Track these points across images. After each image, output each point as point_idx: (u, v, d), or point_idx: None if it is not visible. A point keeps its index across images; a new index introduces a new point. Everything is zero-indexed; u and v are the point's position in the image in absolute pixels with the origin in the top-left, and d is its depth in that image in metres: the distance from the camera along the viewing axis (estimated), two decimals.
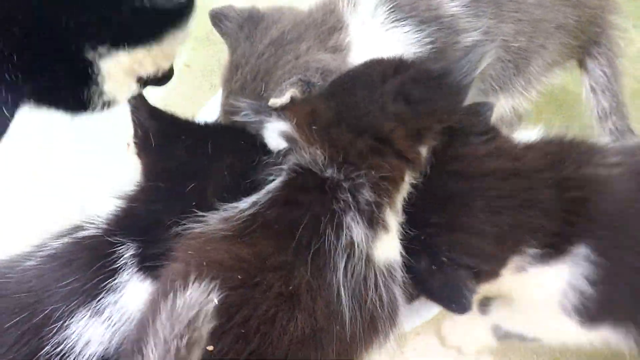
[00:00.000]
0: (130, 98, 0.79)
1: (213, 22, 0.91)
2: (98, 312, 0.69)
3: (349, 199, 0.64)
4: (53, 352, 0.67)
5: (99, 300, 0.69)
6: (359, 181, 0.64)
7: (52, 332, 0.68)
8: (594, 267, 0.68)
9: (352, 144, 0.66)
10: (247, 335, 0.56)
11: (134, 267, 0.71)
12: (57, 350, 0.67)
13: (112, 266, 0.70)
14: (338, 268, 0.61)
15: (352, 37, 0.86)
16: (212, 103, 1.06)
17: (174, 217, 0.71)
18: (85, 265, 0.71)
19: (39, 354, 0.66)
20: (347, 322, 0.60)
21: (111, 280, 0.70)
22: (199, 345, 0.51)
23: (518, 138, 0.76)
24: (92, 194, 0.98)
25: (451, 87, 0.71)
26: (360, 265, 0.62)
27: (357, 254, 0.62)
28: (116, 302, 0.70)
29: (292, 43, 0.84)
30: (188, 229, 0.67)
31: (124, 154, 0.84)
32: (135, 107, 0.81)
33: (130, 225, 0.74)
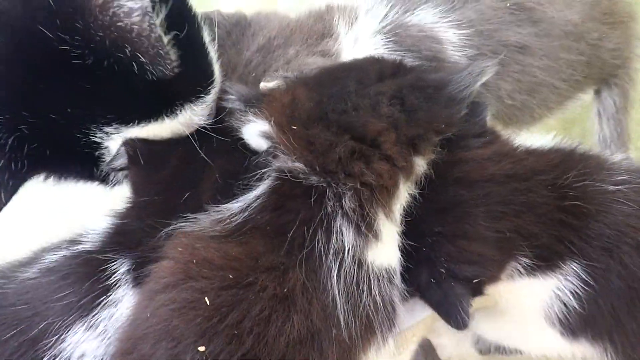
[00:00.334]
0: None
1: None
2: (93, 327, 0.70)
3: (335, 205, 0.62)
4: None
5: (94, 316, 0.70)
6: (340, 190, 0.62)
7: (49, 345, 0.68)
8: (581, 284, 0.69)
9: (330, 148, 0.63)
10: (240, 336, 0.55)
11: (129, 283, 0.71)
12: None
13: (107, 282, 0.71)
14: (331, 272, 0.61)
15: (342, 46, 0.86)
16: None
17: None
18: (81, 280, 0.71)
19: None
20: (343, 325, 0.60)
21: (106, 296, 0.71)
22: None
23: (520, 142, 0.76)
24: (88, 207, 0.98)
25: (449, 98, 0.69)
26: (353, 269, 0.61)
27: (348, 258, 0.61)
28: (111, 317, 0.70)
29: (280, 49, 0.85)
30: (178, 228, 0.67)
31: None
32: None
33: (124, 241, 0.74)
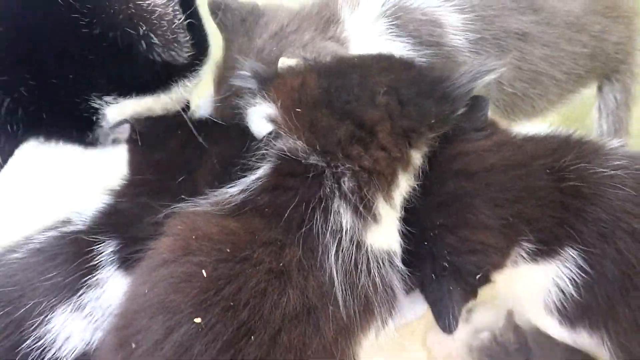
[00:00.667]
0: None
1: (211, 10, 0.90)
2: (79, 308, 0.70)
3: (333, 186, 0.63)
4: (34, 346, 0.67)
5: (79, 296, 0.70)
6: (339, 170, 0.63)
7: (34, 326, 0.68)
8: (579, 271, 0.69)
9: (332, 130, 0.64)
10: (236, 308, 0.55)
11: (114, 264, 0.72)
12: (38, 344, 0.68)
13: (92, 263, 0.71)
14: (329, 251, 0.61)
15: (349, 33, 0.87)
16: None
17: (159, 211, 0.71)
18: (68, 260, 0.71)
19: (20, 347, 0.67)
20: (340, 303, 0.60)
21: (91, 276, 0.71)
22: None
23: (518, 130, 0.77)
24: (83, 188, 0.98)
25: (442, 95, 0.69)
26: (351, 250, 0.62)
27: (346, 239, 0.62)
28: (97, 298, 0.70)
29: (292, 35, 0.85)
30: (175, 210, 0.67)
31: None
32: None
33: (113, 222, 0.75)
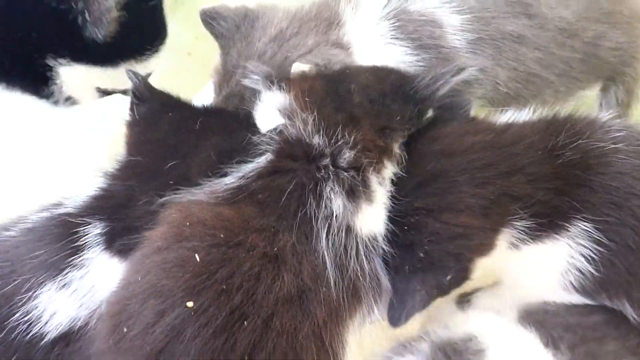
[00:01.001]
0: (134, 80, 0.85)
1: (204, 22, 0.91)
2: (65, 286, 0.71)
3: (329, 166, 0.66)
4: (22, 320, 0.69)
5: (65, 275, 0.71)
6: (339, 144, 0.67)
7: (22, 301, 0.70)
8: (595, 246, 0.68)
9: (332, 115, 0.70)
10: (229, 292, 0.56)
11: (101, 246, 0.73)
12: (26, 318, 0.69)
13: (78, 243, 0.73)
14: (320, 236, 0.63)
15: (351, 37, 0.87)
16: (206, 89, 1.07)
17: (148, 194, 0.73)
18: (55, 240, 0.73)
19: (9, 320, 0.69)
20: (332, 286, 0.62)
21: (77, 257, 0.72)
22: None
23: (501, 118, 0.78)
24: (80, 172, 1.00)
25: (407, 96, 0.74)
26: (340, 235, 0.64)
27: (336, 224, 0.64)
28: (82, 277, 0.72)
29: (294, 38, 0.86)
30: (171, 200, 0.69)
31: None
32: (137, 90, 0.84)
33: (102, 205, 0.76)
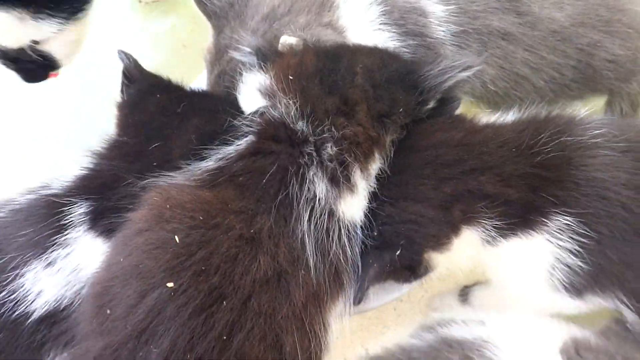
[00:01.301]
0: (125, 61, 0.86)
1: (198, 1, 0.92)
2: (50, 265, 0.73)
3: (313, 154, 0.67)
4: (8, 298, 0.70)
5: (50, 253, 0.73)
6: (323, 136, 0.67)
7: (8, 279, 0.71)
8: (580, 238, 0.68)
9: (321, 100, 0.69)
10: (207, 272, 0.58)
11: (84, 225, 0.75)
12: (12, 297, 0.71)
13: (62, 222, 0.74)
14: (302, 218, 0.64)
15: (344, 20, 0.88)
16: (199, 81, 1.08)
17: (132, 175, 0.74)
18: (41, 219, 0.75)
19: None
20: (312, 269, 0.63)
21: (61, 235, 0.74)
22: None
23: (486, 118, 0.78)
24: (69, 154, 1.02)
25: (413, 85, 0.73)
26: (323, 218, 0.66)
27: (319, 207, 0.66)
28: (67, 256, 0.73)
29: (285, 16, 0.86)
30: (151, 184, 0.70)
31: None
32: (128, 71, 0.86)
33: (87, 185, 0.78)
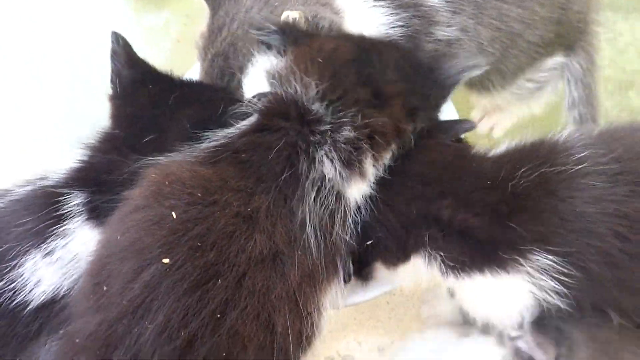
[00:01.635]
0: (114, 44, 0.86)
1: None
2: (49, 254, 0.74)
3: (327, 134, 0.68)
4: (6, 288, 0.72)
5: (49, 243, 0.74)
6: (343, 120, 0.69)
7: (7, 269, 0.72)
8: (564, 278, 0.64)
9: (354, 89, 0.71)
10: (203, 249, 0.59)
11: (82, 216, 0.76)
12: (11, 286, 0.72)
13: (60, 212, 0.76)
14: (308, 198, 0.65)
15: (342, 2, 0.90)
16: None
17: (128, 166, 0.76)
18: (38, 210, 0.76)
19: None
20: (311, 251, 0.64)
21: (59, 226, 0.75)
22: None
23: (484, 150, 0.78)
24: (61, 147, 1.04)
25: (438, 81, 0.78)
26: (330, 199, 0.67)
27: (326, 188, 0.67)
28: (65, 246, 0.75)
29: None
30: (149, 164, 0.71)
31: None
32: (114, 54, 0.87)
33: (83, 177, 0.79)
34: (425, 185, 0.71)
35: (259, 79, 0.77)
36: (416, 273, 0.73)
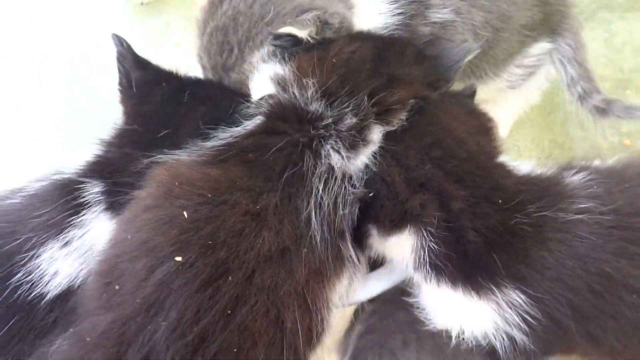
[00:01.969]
0: (118, 47, 0.88)
1: None
2: (66, 245, 0.76)
3: (331, 127, 0.71)
4: (24, 280, 0.73)
5: (66, 233, 0.76)
6: (344, 110, 0.71)
7: (24, 260, 0.74)
8: (530, 320, 0.66)
9: (365, 81, 0.74)
10: (214, 247, 0.60)
11: (100, 206, 0.78)
12: (28, 278, 0.73)
13: (78, 202, 0.78)
14: (315, 191, 0.67)
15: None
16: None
17: (142, 160, 0.78)
18: (56, 201, 0.78)
19: (11, 280, 0.72)
20: (317, 246, 0.65)
21: (77, 216, 0.77)
22: None
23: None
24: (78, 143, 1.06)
25: (444, 64, 0.85)
26: (337, 185, 0.69)
27: (334, 176, 0.69)
28: (82, 236, 0.76)
29: None
30: (159, 160, 0.73)
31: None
32: (121, 56, 0.89)
33: (100, 169, 0.81)
34: (446, 157, 0.71)
35: (265, 82, 0.79)
36: (400, 252, 0.74)
